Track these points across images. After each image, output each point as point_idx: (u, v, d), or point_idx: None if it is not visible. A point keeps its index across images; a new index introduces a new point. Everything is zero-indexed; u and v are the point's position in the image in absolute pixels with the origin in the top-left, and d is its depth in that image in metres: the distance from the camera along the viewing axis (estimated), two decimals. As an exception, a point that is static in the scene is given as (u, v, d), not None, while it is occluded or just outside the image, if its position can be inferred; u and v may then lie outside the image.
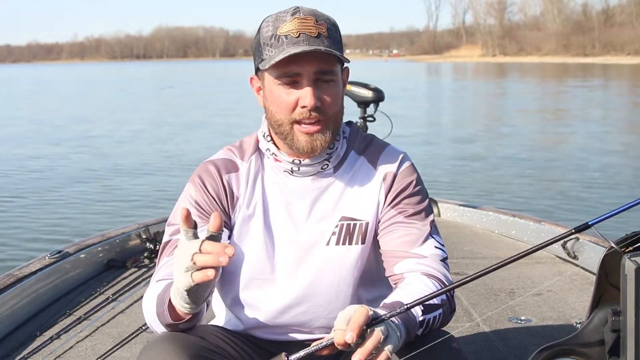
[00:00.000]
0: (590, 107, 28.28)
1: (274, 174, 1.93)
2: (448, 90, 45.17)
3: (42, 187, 12.10)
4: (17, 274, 3.66)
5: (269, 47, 1.77)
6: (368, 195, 1.92)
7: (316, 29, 1.76)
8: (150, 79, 74.48)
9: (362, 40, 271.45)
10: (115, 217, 9.47)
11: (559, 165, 13.80)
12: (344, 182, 1.93)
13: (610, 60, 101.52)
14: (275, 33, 1.76)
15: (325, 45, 1.75)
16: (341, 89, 1.86)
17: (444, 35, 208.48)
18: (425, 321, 1.70)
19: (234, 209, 1.92)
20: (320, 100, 1.78)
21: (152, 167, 14.30)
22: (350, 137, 1.98)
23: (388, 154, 1.96)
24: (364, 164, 1.95)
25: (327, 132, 1.82)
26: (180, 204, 1.93)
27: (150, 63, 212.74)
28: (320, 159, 1.89)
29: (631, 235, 1.73)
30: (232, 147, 2.00)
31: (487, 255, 4.51)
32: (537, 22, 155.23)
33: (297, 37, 1.74)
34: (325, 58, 1.77)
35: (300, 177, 1.91)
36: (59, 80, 73.10)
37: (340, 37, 1.85)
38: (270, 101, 1.83)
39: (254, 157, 1.95)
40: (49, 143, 18.56)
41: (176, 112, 29.00)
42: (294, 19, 1.76)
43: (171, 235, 1.89)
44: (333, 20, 1.83)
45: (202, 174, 1.94)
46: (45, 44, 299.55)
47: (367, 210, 1.91)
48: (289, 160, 1.88)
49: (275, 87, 1.80)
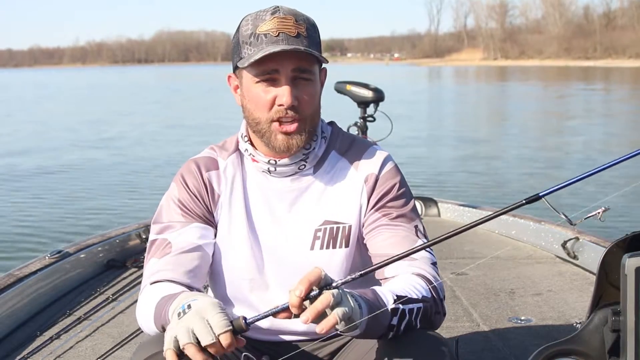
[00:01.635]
0: (592, 110, 28.28)
1: (254, 174, 1.93)
2: (449, 93, 45.17)
3: (42, 187, 12.13)
4: (17, 274, 3.67)
5: (247, 46, 1.77)
6: (349, 198, 1.90)
7: (295, 28, 1.76)
8: (157, 83, 74.52)
9: (364, 43, 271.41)
10: (115, 217, 9.46)
11: (559, 166, 13.79)
12: (324, 182, 1.91)
13: (611, 64, 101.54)
14: (255, 32, 1.76)
15: (304, 45, 1.75)
16: (319, 88, 1.85)
17: (446, 38, 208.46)
18: (400, 310, 1.65)
19: (216, 206, 1.92)
20: (297, 99, 1.77)
21: (152, 167, 14.32)
22: (332, 137, 1.96)
23: (370, 154, 1.93)
24: (345, 165, 1.93)
25: (304, 132, 1.81)
26: (165, 202, 1.93)
27: (152, 67, 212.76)
28: (297, 159, 1.87)
29: (631, 235, 1.73)
30: (215, 146, 2.00)
31: (487, 255, 4.51)
32: (539, 26, 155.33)
33: (276, 36, 1.74)
34: (304, 57, 1.76)
35: (278, 177, 1.90)
36: (65, 85, 73.06)
37: (319, 38, 1.84)
38: (248, 99, 1.83)
39: (233, 156, 1.95)
40: (49, 143, 18.58)
41: (182, 114, 29.03)
42: (273, 18, 1.76)
43: (157, 234, 1.89)
44: (312, 20, 1.83)
45: (184, 172, 1.95)
46: (47, 49, 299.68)
47: (349, 213, 1.89)
48: (265, 160, 1.88)
49: (253, 85, 1.79)
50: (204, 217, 1.89)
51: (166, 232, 1.87)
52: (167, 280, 1.80)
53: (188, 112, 28.75)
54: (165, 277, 1.80)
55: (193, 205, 1.89)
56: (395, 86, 49.44)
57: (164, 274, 1.80)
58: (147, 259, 1.87)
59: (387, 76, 75.45)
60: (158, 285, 1.78)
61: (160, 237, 1.87)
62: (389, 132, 5.26)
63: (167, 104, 35.52)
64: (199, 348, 1.44)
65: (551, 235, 4.53)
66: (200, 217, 1.89)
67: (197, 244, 1.85)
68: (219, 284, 1.95)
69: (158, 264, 1.83)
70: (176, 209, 1.89)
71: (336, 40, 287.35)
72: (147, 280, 1.83)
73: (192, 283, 1.82)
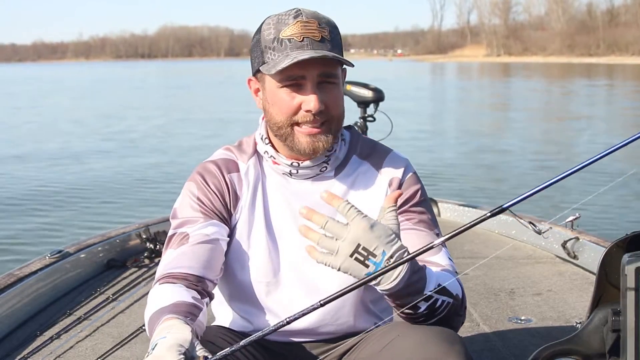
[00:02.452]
0: (595, 107, 28.22)
1: (274, 176, 1.93)
2: (452, 90, 45.11)
3: (42, 187, 12.11)
4: (17, 273, 3.66)
5: (271, 51, 1.77)
6: (373, 200, 1.91)
7: (319, 32, 1.76)
8: (163, 78, 74.48)
9: (367, 39, 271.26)
10: (115, 217, 9.47)
11: (560, 166, 13.76)
12: (347, 185, 1.92)
13: (614, 60, 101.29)
14: (278, 36, 1.76)
15: (328, 48, 1.75)
16: (342, 90, 1.87)
17: (449, 34, 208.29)
18: (433, 299, 1.68)
19: (235, 209, 1.92)
20: (323, 104, 1.78)
21: (152, 166, 14.30)
22: (352, 142, 1.98)
23: (393, 159, 1.96)
24: (367, 169, 1.95)
25: (329, 134, 1.82)
26: (182, 201, 1.93)
27: (156, 62, 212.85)
28: (319, 161, 1.88)
29: (631, 235, 1.74)
30: (232, 147, 1.99)
31: (487, 255, 4.50)
32: (542, 22, 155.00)
33: (300, 41, 1.74)
34: (329, 62, 1.77)
35: (299, 179, 1.91)
36: (68, 80, 73.06)
37: (341, 39, 1.85)
38: (271, 103, 1.83)
39: (253, 159, 1.95)
40: (48, 143, 18.56)
41: (187, 111, 29.01)
42: (297, 22, 1.75)
43: (175, 228, 1.89)
44: (333, 22, 1.83)
45: (203, 172, 1.94)
46: (51, 43, 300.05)
47: (371, 213, 1.91)
48: (287, 163, 1.88)
49: (278, 90, 1.79)
50: (222, 217, 1.90)
51: (185, 226, 1.87)
52: (175, 276, 1.78)
53: (198, 111, 28.68)
54: (179, 266, 1.79)
55: (213, 204, 1.90)
56: (398, 82, 49.38)
57: (179, 262, 1.80)
58: (164, 251, 1.88)
59: (390, 72, 75.40)
60: (163, 287, 1.76)
61: (178, 231, 1.87)
62: (389, 132, 5.26)
63: (171, 101, 35.48)
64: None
65: (551, 235, 4.52)
66: (218, 216, 1.89)
67: (215, 238, 1.85)
68: (235, 286, 1.95)
69: (174, 254, 1.83)
70: (195, 206, 1.89)
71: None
72: (160, 273, 1.82)
73: (206, 274, 1.81)
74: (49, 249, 4.12)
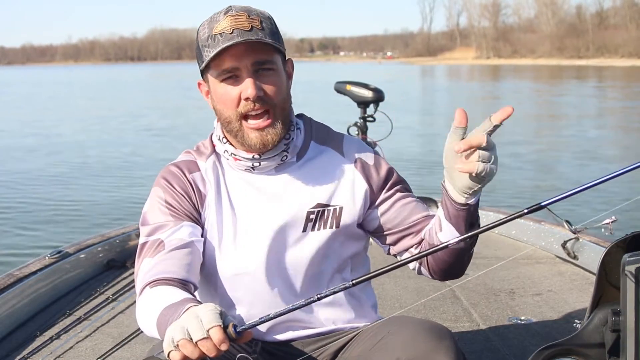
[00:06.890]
0: (586, 108, 28.34)
1: (236, 172, 1.95)
2: (443, 92, 45.20)
3: (42, 187, 12.12)
4: (17, 274, 3.66)
5: (206, 48, 1.80)
6: (340, 181, 1.94)
7: (249, 22, 1.78)
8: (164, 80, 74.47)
9: (356, 42, 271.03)
10: (115, 217, 9.45)
11: (560, 166, 13.83)
12: (310, 170, 1.94)
13: (604, 63, 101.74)
14: (211, 34, 1.79)
15: (258, 36, 1.77)
16: (284, 78, 1.88)
17: (438, 37, 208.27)
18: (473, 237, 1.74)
19: (203, 206, 1.93)
20: (262, 90, 1.80)
21: (152, 167, 14.29)
22: (306, 128, 2.00)
23: (351, 142, 2.02)
24: (331, 153, 1.98)
25: (277, 125, 1.84)
26: (151, 206, 1.93)
27: (145, 65, 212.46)
28: (279, 151, 1.90)
29: (631, 235, 1.74)
30: (191, 150, 2.03)
31: (487, 255, 4.51)
32: (531, 25, 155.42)
33: (230, 33, 1.76)
34: (262, 49, 1.79)
35: (262, 172, 1.93)
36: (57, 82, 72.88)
37: (277, 29, 1.87)
38: (216, 100, 1.86)
39: (212, 158, 1.97)
40: (48, 144, 18.57)
41: (183, 111, 29.01)
42: (226, 17, 1.78)
43: (148, 236, 1.89)
44: (267, 13, 1.86)
45: (167, 175, 1.96)
46: (40, 46, 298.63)
47: (340, 195, 1.94)
48: (249, 157, 1.90)
49: (219, 85, 1.83)
50: (192, 217, 1.91)
51: (157, 233, 1.87)
52: (164, 280, 1.78)
53: (188, 110, 28.69)
54: (162, 272, 1.79)
55: (181, 205, 1.91)
56: (388, 85, 49.47)
57: (161, 268, 1.79)
58: (139, 260, 1.87)
59: (379, 75, 75.42)
60: (158, 289, 1.76)
61: (151, 239, 1.87)
62: (389, 132, 5.27)
63: (168, 101, 35.47)
64: (194, 345, 1.45)
65: (551, 235, 4.53)
66: (188, 216, 1.90)
67: (190, 241, 1.86)
68: (212, 282, 1.95)
69: (152, 262, 1.82)
70: (164, 210, 1.90)
71: (329, 39, 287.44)
72: (144, 281, 1.81)
73: (188, 277, 1.82)
74: (49, 249, 4.12)
